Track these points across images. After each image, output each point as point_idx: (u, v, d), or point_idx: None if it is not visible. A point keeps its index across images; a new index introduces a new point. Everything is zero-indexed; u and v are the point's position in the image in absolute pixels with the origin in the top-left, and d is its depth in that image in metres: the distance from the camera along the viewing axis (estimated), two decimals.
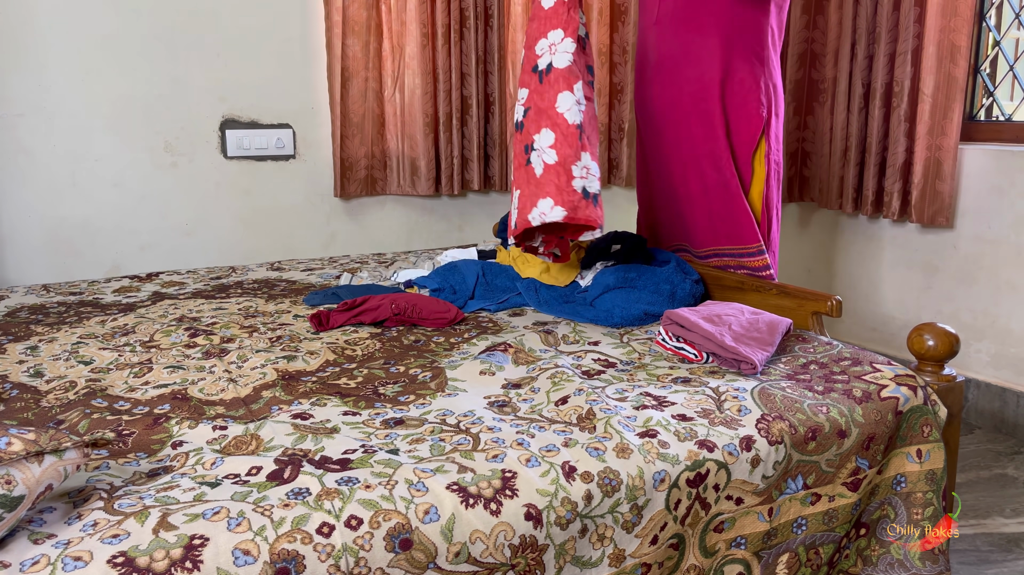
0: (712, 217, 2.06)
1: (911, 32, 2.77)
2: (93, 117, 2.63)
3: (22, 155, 2.57)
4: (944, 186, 2.71)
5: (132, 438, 1.23)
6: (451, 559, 1.02)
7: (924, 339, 1.47)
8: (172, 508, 1.00)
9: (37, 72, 2.55)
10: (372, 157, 2.97)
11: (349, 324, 1.79)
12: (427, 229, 3.16)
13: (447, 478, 1.08)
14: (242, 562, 0.93)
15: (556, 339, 1.68)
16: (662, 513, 1.16)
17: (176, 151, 2.76)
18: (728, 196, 2.02)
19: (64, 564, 0.89)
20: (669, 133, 2.08)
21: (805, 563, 1.32)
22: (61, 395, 1.41)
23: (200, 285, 2.21)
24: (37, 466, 0.93)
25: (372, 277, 2.24)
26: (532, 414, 1.31)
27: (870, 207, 2.95)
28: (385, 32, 2.92)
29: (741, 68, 1.99)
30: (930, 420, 1.40)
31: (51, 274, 2.64)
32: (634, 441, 1.20)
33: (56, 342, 1.70)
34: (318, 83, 2.90)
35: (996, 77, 2.80)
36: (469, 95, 3.03)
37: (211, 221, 2.84)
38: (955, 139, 2.68)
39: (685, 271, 1.93)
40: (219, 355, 1.61)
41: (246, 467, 1.12)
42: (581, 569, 1.12)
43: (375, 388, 1.43)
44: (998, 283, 2.69)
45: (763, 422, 1.28)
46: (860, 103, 2.96)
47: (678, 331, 1.54)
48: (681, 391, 1.38)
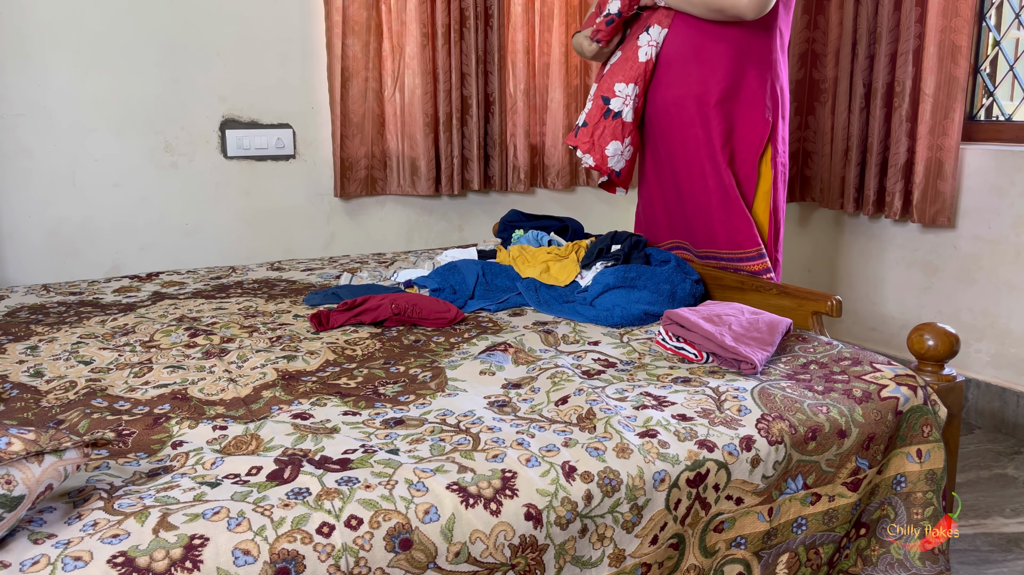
0: (711, 221, 2.06)
1: (912, 32, 2.77)
2: (93, 117, 2.63)
3: (22, 155, 2.57)
4: (945, 186, 2.71)
5: (132, 438, 1.23)
6: (451, 559, 1.02)
7: (924, 339, 1.47)
8: (172, 508, 1.00)
9: (37, 72, 2.55)
10: (372, 157, 2.97)
11: (349, 324, 1.79)
12: (427, 229, 3.16)
13: (447, 478, 1.08)
14: (242, 562, 0.93)
15: (556, 339, 1.68)
16: (662, 513, 1.16)
17: (176, 151, 2.76)
18: (727, 200, 2.02)
19: (64, 564, 0.89)
20: (675, 132, 2.09)
21: (805, 563, 1.32)
22: (61, 395, 1.41)
23: (200, 285, 2.21)
24: (37, 466, 0.93)
25: (372, 277, 2.24)
26: (532, 414, 1.31)
27: (871, 207, 2.95)
28: (385, 32, 2.92)
29: (749, 73, 1.99)
30: (930, 420, 1.40)
31: (51, 274, 2.64)
32: (634, 441, 1.20)
33: (56, 342, 1.70)
34: (318, 83, 2.90)
35: (996, 77, 2.80)
36: (469, 95, 3.03)
37: (211, 221, 2.84)
38: (956, 139, 2.68)
39: (685, 271, 1.93)
40: (219, 355, 1.61)
41: (246, 467, 1.12)
42: (581, 569, 1.12)
43: (375, 388, 1.43)
44: (998, 283, 2.69)
45: (763, 422, 1.28)
46: (861, 103, 2.96)
47: (678, 331, 1.54)
48: (681, 391, 1.38)
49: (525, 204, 3.27)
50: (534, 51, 3.17)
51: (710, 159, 2.03)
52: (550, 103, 3.21)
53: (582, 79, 3.25)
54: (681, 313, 1.55)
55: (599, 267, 2.01)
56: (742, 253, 2.04)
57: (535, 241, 2.27)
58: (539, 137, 3.25)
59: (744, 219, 2.02)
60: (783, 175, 2.08)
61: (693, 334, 1.51)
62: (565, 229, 2.40)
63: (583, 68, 3.25)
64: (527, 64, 3.14)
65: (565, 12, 3.16)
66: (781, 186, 2.08)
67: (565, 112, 3.22)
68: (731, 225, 2.03)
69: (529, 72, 3.16)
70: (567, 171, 3.27)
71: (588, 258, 2.06)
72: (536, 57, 3.18)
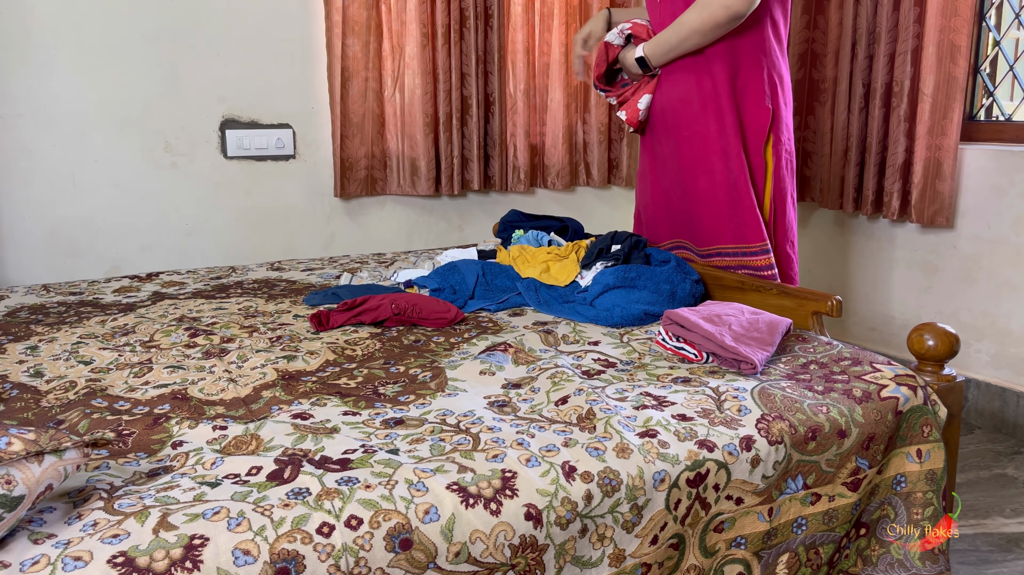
0: (718, 215, 2.06)
1: (911, 32, 2.77)
2: (93, 117, 2.63)
3: (22, 155, 2.57)
4: (944, 186, 2.71)
5: (132, 438, 1.23)
6: (451, 559, 1.02)
7: (924, 339, 1.47)
8: (172, 508, 1.00)
9: (37, 72, 2.55)
10: (372, 157, 2.97)
11: (349, 324, 1.79)
12: (427, 229, 3.16)
13: (447, 478, 1.08)
14: (242, 562, 0.93)
15: (556, 339, 1.68)
16: (662, 513, 1.16)
17: (176, 151, 2.76)
18: (736, 193, 2.02)
19: (64, 564, 0.89)
20: (683, 130, 2.08)
21: (805, 563, 1.32)
22: (61, 395, 1.41)
23: (200, 285, 2.21)
24: (37, 466, 0.93)
25: (372, 277, 2.24)
26: (532, 414, 1.31)
27: (870, 207, 2.95)
28: (385, 32, 2.92)
29: (746, 62, 2.00)
30: (930, 420, 1.40)
31: (51, 274, 2.64)
32: (634, 441, 1.20)
33: (56, 342, 1.70)
34: (318, 83, 2.90)
35: (996, 77, 2.80)
36: (469, 95, 3.03)
37: (211, 221, 2.84)
38: (955, 139, 2.68)
39: (685, 271, 1.93)
40: (219, 355, 1.61)
41: (246, 467, 1.12)
42: (581, 569, 1.12)
43: (375, 388, 1.43)
44: (998, 283, 2.69)
45: (763, 422, 1.28)
46: (860, 103, 2.96)
47: (678, 331, 1.54)
48: (681, 391, 1.38)
49: (525, 204, 3.27)
50: (534, 51, 3.17)
51: (721, 152, 2.03)
52: (550, 103, 3.21)
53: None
54: (681, 313, 1.55)
55: (599, 267, 2.01)
56: (746, 247, 2.03)
57: (535, 241, 2.27)
58: (539, 137, 3.25)
59: (751, 211, 2.01)
60: (789, 163, 2.07)
61: (693, 334, 1.51)
62: (565, 229, 2.40)
63: None
64: (527, 64, 3.15)
65: (565, 12, 3.16)
66: (787, 174, 2.07)
67: (565, 112, 3.22)
68: (739, 217, 2.03)
69: (529, 72, 3.16)
70: (567, 171, 3.27)
71: (588, 258, 2.06)
72: (536, 57, 3.18)
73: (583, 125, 3.30)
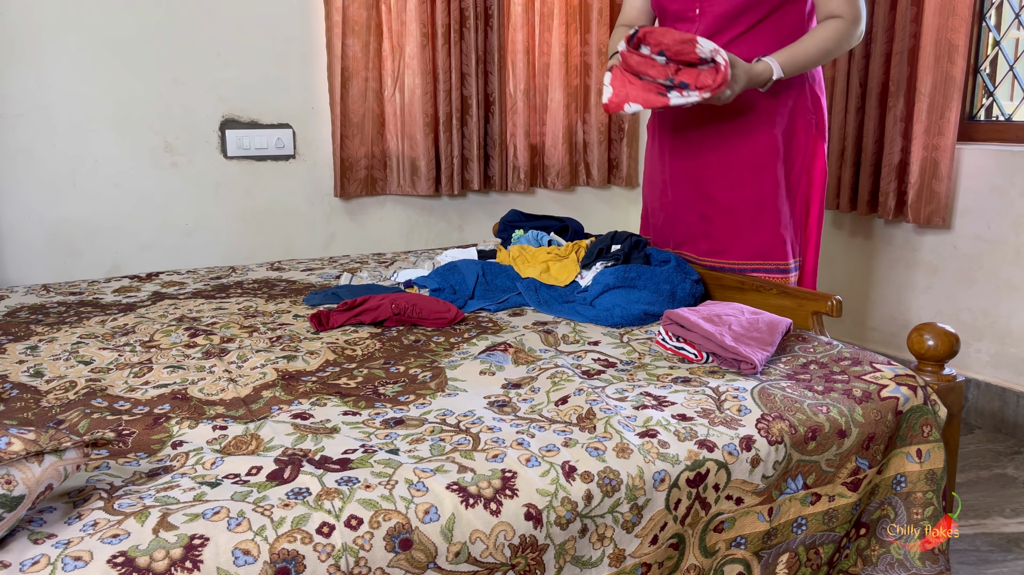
0: (735, 231, 1.99)
1: (908, 31, 2.77)
2: (93, 117, 2.63)
3: (22, 155, 2.57)
4: (941, 186, 2.71)
5: (132, 438, 1.23)
6: (451, 559, 1.02)
7: (924, 339, 1.47)
8: (172, 508, 1.00)
9: (37, 72, 2.55)
10: (372, 157, 2.97)
11: (349, 324, 1.79)
12: (427, 229, 3.16)
13: (447, 478, 1.08)
14: (242, 562, 0.93)
15: (556, 339, 1.68)
16: (662, 513, 1.16)
17: (176, 151, 2.76)
18: (760, 211, 1.95)
19: (64, 564, 0.89)
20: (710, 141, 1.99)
21: (805, 563, 1.32)
22: (61, 395, 1.41)
23: (200, 285, 2.21)
24: (37, 466, 0.93)
25: (372, 277, 2.24)
26: (532, 414, 1.31)
27: (866, 207, 2.95)
28: (385, 32, 2.92)
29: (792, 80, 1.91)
30: (930, 420, 1.40)
31: (51, 274, 2.64)
32: (634, 441, 1.20)
33: (56, 342, 1.70)
34: (318, 83, 2.90)
35: (996, 77, 2.80)
36: (469, 95, 3.04)
37: (211, 221, 2.84)
38: (952, 139, 2.68)
39: (685, 271, 1.93)
40: (219, 355, 1.61)
41: (246, 467, 1.12)
42: (581, 569, 1.12)
43: (375, 388, 1.43)
44: (998, 283, 2.69)
45: (763, 422, 1.28)
46: (857, 102, 2.96)
47: (678, 331, 1.54)
48: (681, 391, 1.38)
49: (525, 204, 3.27)
50: (534, 51, 3.17)
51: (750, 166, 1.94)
52: (550, 103, 3.21)
53: (582, 79, 3.25)
54: (681, 313, 1.55)
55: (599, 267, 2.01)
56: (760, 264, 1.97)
57: (535, 241, 2.27)
58: (539, 137, 3.25)
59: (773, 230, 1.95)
60: (824, 179, 2.00)
61: (693, 334, 1.51)
62: (565, 229, 2.39)
63: (583, 68, 3.25)
64: (527, 64, 3.15)
65: (565, 12, 3.16)
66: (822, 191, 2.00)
67: (565, 112, 3.22)
68: (758, 236, 1.96)
69: (529, 72, 3.16)
70: (567, 171, 3.27)
71: (588, 258, 2.06)
72: (536, 57, 3.18)
73: (583, 125, 3.30)
